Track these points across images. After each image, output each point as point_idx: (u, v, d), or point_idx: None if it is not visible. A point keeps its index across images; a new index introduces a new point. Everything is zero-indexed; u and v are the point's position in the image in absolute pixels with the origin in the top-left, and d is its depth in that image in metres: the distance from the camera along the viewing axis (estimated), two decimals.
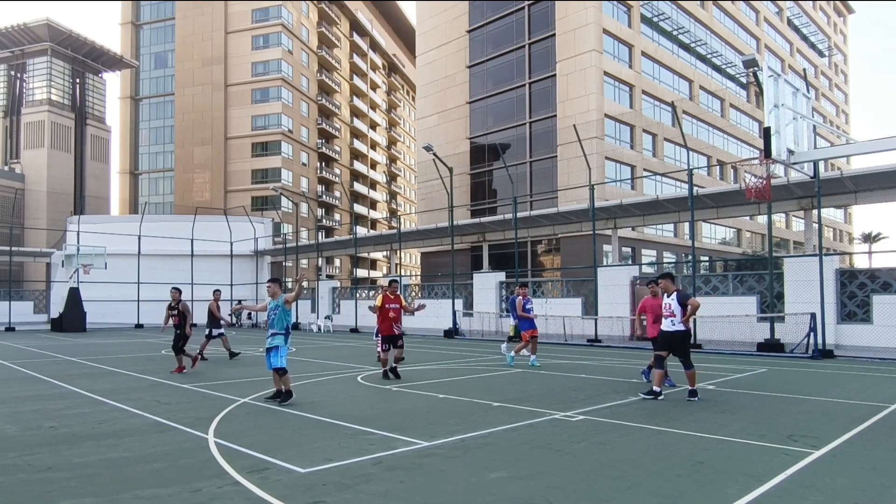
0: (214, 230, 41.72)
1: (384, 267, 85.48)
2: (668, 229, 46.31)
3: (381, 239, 43.23)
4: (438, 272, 40.50)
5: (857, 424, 7.00)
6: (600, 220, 27.16)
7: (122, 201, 76.36)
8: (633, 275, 23.36)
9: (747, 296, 20.04)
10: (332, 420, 7.40)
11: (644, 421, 7.23)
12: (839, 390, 9.90)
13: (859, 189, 21.83)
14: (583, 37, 40.76)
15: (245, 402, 8.80)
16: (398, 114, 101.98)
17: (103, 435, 6.61)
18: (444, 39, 50.42)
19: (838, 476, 4.97)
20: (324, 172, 73.43)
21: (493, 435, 6.54)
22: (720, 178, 53.12)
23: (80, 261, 31.78)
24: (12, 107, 74.15)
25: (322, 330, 31.32)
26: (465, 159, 47.33)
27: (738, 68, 54.33)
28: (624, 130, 43.43)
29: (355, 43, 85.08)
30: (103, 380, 11.55)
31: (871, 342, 16.85)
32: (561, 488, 4.65)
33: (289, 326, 8.87)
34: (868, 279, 17.99)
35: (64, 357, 16.47)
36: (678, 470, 5.13)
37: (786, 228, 59.45)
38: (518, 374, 12.16)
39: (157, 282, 37.46)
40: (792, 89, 8.40)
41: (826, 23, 77.41)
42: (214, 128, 67.47)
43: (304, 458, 5.50)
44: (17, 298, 38.27)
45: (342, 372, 12.70)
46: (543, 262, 43.05)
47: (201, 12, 68.43)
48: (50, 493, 4.59)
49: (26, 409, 8.38)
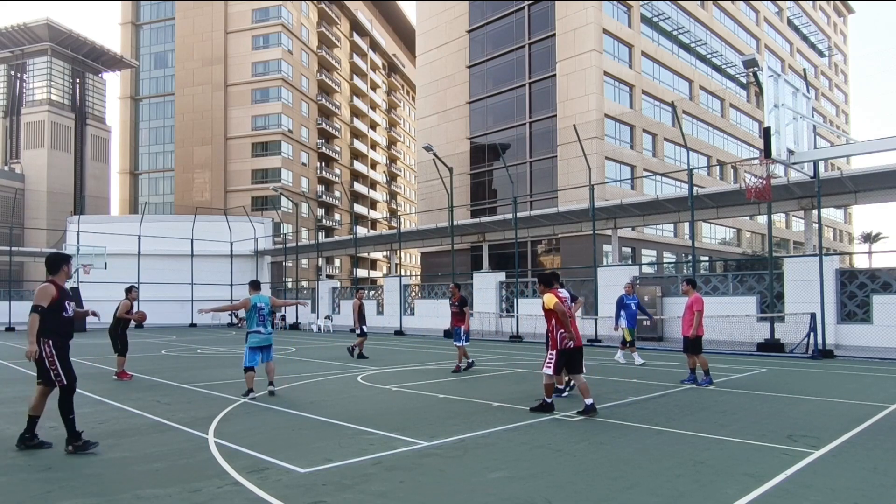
0: (214, 230, 41.72)
1: (384, 267, 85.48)
2: (668, 229, 46.32)
3: (381, 239, 43.24)
4: (438, 272, 40.52)
5: (857, 424, 6.99)
6: (600, 220, 27.16)
7: (122, 201, 76.37)
8: (633, 275, 23.36)
9: (747, 296, 20.03)
10: (332, 420, 7.40)
11: (644, 421, 7.23)
12: (839, 390, 9.90)
13: (859, 189, 21.84)
14: (583, 37, 40.76)
15: (245, 402, 8.80)
16: (398, 114, 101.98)
17: (103, 435, 6.61)
18: (444, 39, 50.42)
19: (838, 476, 4.97)
20: (324, 172, 73.44)
21: (493, 435, 6.54)
22: (720, 178, 53.12)
23: (80, 261, 31.78)
24: (12, 107, 74.15)
25: (322, 330, 31.33)
26: (465, 159, 47.33)
27: (738, 68, 54.34)
28: (624, 130, 43.43)
29: (355, 43, 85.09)
30: (103, 380, 11.55)
31: (870, 342, 16.84)
32: (561, 488, 4.65)
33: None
34: (868, 279, 17.99)
35: None
36: (678, 470, 5.13)
37: (786, 228, 59.45)
38: (518, 375, 12.16)
39: (157, 282, 37.54)
40: (792, 89, 8.40)
41: (826, 23, 77.42)
42: (214, 128, 67.48)
43: (304, 458, 5.51)
44: (17, 298, 38.25)
45: (342, 372, 12.71)
46: (543, 262, 43.04)
47: (201, 12, 68.44)
48: (50, 493, 4.59)
49: (26, 409, 8.36)
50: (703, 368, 10.31)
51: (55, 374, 5.82)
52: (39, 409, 5.99)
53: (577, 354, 7.69)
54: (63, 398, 5.84)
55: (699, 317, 10.31)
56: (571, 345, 7.56)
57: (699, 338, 10.33)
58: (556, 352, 7.63)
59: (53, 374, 5.82)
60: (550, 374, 7.70)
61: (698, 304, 10.34)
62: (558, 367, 7.67)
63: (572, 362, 7.70)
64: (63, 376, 5.82)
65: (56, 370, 5.81)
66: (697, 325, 10.25)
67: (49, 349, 5.81)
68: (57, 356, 5.84)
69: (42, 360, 5.81)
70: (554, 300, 7.60)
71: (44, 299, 5.88)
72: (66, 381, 5.85)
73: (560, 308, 7.53)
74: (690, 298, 10.42)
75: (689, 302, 10.41)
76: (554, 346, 7.65)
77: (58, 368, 5.80)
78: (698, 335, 10.30)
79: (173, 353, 18.14)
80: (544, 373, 7.77)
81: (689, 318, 10.39)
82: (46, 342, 5.82)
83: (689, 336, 10.32)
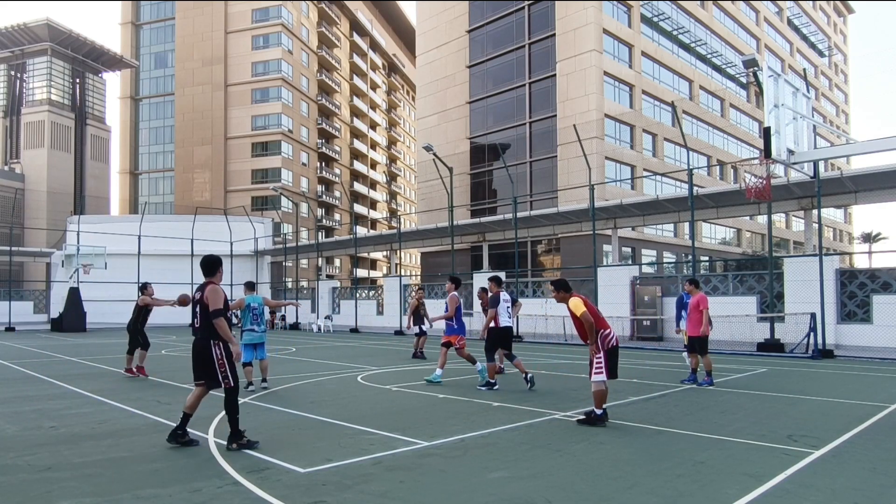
0: (214, 230, 41.71)
1: (384, 267, 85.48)
2: (668, 229, 46.32)
3: (381, 239, 43.25)
4: (438, 272, 40.52)
5: (857, 424, 6.99)
6: (600, 220, 27.16)
7: (122, 201, 76.38)
8: (633, 275, 23.36)
9: (747, 296, 20.03)
10: (332, 420, 7.40)
11: (643, 421, 7.23)
12: (839, 390, 9.90)
13: (859, 189, 21.84)
14: (583, 37, 40.76)
15: (245, 402, 8.79)
16: (398, 114, 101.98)
17: (103, 435, 6.61)
18: (444, 39, 50.43)
19: (838, 476, 4.97)
20: (324, 172, 73.44)
21: (493, 435, 6.54)
22: (720, 178, 53.13)
23: (80, 261, 31.78)
24: (12, 107, 74.15)
25: (322, 330, 31.33)
26: (465, 159, 47.34)
27: (738, 68, 54.34)
28: (624, 130, 43.44)
29: (355, 43, 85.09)
30: (103, 380, 11.55)
31: (871, 342, 16.84)
32: (561, 488, 4.65)
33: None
34: (868, 279, 17.99)
35: (64, 357, 16.47)
36: (678, 470, 5.13)
37: (786, 228, 59.45)
38: (518, 374, 12.14)
39: (157, 282, 37.44)
40: (792, 89, 8.40)
41: (826, 23, 77.42)
42: (214, 128, 67.48)
43: (304, 458, 5.50)
44: (17, 298, 38.27)
45: (342, 372, 12.70)
46: (543, 262, 43.05)
47: (201, 12, 68.44)
48: (50, 493, 4.59)
49: (26, 409, 8.38)
50: (707, 369, 10.28)
51: (223, 375, 5.98)
52: (195, 407, 6.18)
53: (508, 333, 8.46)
54: (230, 398, 5.99)
55: (707, 314, 10.25)
56: (614, 343, 7.08)
57: (706, 337, 10.31)
58: (603, 353, 7.00)
59: (222, 376, 5.98)
60: (602, 381, 6.98)
61: (704, 303, 10.30)
62: (611, 369, 7.02)
63: (504, 341, 8.56)
64: (231, 378, 6.00)
65: (225, 371, 5.99)
66: (707, 322, 10.19)
67: (220, 351, 5.98)
68: (226, 358, 6.02)
69: (211, 362, 5.97)
70: (583, 308, 7.03)
71: (221, 302, 6.07)
72: (233, 382, 6.02)
73: (587, 317, 7.00)
74: (696, 298, 10.40)
75: (695, 301, 10.38)
76: (598, 350, 7.03)
77: (227, 370, 5.99)
78: (705, 334, 10.26)
79: (173, 353, 18.13)
80: (593, 381, 7.04)
81: (696, 318, 10.33)
82: (217, 344, 5.98)
83: (696, 336, 10.28)
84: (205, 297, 6.02)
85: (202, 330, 6.00)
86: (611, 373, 7.02)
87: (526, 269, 37.32)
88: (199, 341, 6.02)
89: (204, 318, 6.00)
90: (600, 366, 6.98)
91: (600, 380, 6.96)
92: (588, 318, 6.99)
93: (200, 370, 6.03)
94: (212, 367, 5.96)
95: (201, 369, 6.02)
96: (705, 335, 10.26)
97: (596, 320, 7.08)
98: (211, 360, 5.95)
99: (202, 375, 6.04)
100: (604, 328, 7.10)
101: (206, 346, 5.97)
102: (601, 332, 7.05)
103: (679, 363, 13.68)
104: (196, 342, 6.05)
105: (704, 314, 10.25)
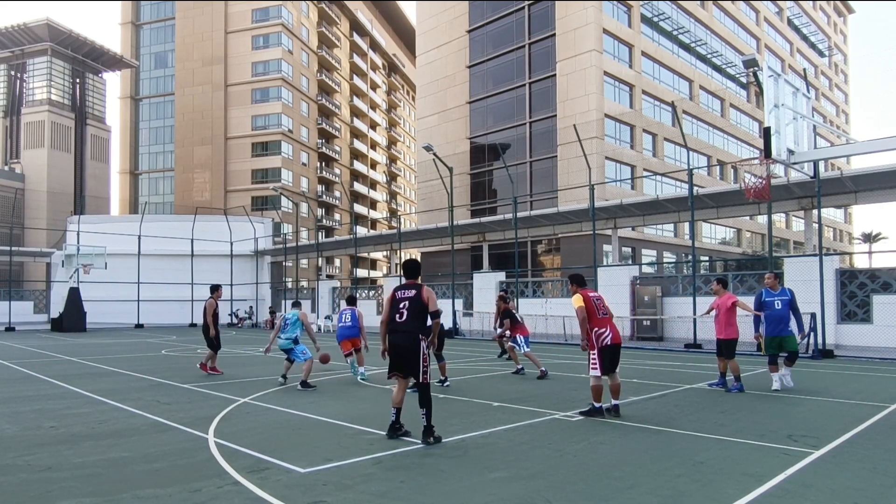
0: (214, 230, 41.74)
1: (384, 267, 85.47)
2: (668, 229, 46.31)
3: (381, 239, 43.23)
4: (438, 272, 40.50)
5: (857, 424, 6.99)
6: (600, 220, 27.15)
7: (122, 201, 76.37)
8: (633, 275, 23.36)
9: (747, 295, 19.93)
10: (332, 420, 7.40)
11: (643, 421, 7.23)
12: (839, 390, 9.90)
13: (859, 189, 21.82)
14: (583, 37, 40.75)
15: (245, 401, 8.80)
16: (398, 114, 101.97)
17: (103, 435, 6.61)
18: (444, 39, 50.41)
19: (838, 476, 4.97)
20: (324, 172, 73.43)
21: (493, 435, 6.54)
22: (720, 178, 53.10)
23: (80, 261, 31.78)
24: (12, 107, 74.15)
25: (322, 330, 31.34)
26: (465, 159, 47.33)
27: (738, 68, 54.32)
28: (624, 130, 43.42)
29: (355, 43, 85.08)
30: (103, 380, 11.55)
31: (871, 342, 16.84)
32: (561, 488, 4.65)
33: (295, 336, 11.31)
34: (868, 279, 17.99)
35: (64, 357, 16.47)
36: (678, 470, 5.13)
37: (786, 228, 59.44)
38: (518, 374, 12.14)
39: (157, 282, 37.56)
40: (792, 89, 8.41)
41: (826, 23, 77.41)
42: (214, 128, 67.47)
43: (304, 458, 5.50)
44: (17, 298, 38.29)
45: (342, 372, 12.72)
46: (543, 262, 43.04)
47: (201, 12, 68.42)
48: (50, 493, 4.59)
49: (26, 409, 8.38)
50: (735, 374, 9.72)
51: (424, 370, 6.22)
52: (402, 400, 6.41)
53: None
54: (425, 394, 6.20)
55: (744, 307, 9.81)
56: (608, 342, 7.34)
57: (733, 340, 9.79)
58: (596, 351, 7.34)
59: (423, 371, 6.20)
60: (596, 376, 7.38)
61: (732, 303, 9.83)
62: (604, 365, 7.34)
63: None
64: (429, 374, 6.28)
65: (426, 367, 6.24)
66: (731, 322, 9.75)
67: (425, 348, 6.27)
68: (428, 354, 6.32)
69: (419, 358, 6.22)
70: (579, 303, 7.37)
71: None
72: (430, 378, 6.29)
73: (581, 312, 7.35)
74: (722, 298, 9.89)
75: (722, 302, 9.86)
76: (592, 347, 7.37)
77: (428, 366, 6.26)
78: (733, 338, 9.76)
79: (174, 352, 18.13)
80: (591, 375, 7.45)
81: (724, 319, 9.81)
82: (424, 341, 6.27)
83: (723, 339, 9.78)
84: (423, 297, 6.31)
85: (413, 326, 6.24)
86: (605, 369, 7.38)
87: (526, 269, 37.30)
88: (408, 336, 6.24)
89: (416, 316, 6.26)
90: (595, 362, 7.39)
91: (595, 375, 7.40)
92: (581, 314, 7.39)
93: (404, 363, 6.26)
94: (418, 362, 6.19)
95: (407, 363, 6.24)
96: (730, 339, 9.75)
97: (591, 318, 7.40)
98: (419, 355, 6.19)
99: (403, 368, 6.28)
100: (598, 327, 7.39)
101: (416, 341, 6.22)
102: (594, 331, 7.38)
103: (679, 363, 13.69)
104: (403, 338, 6.27)
105: (733, 311, 9.75)
